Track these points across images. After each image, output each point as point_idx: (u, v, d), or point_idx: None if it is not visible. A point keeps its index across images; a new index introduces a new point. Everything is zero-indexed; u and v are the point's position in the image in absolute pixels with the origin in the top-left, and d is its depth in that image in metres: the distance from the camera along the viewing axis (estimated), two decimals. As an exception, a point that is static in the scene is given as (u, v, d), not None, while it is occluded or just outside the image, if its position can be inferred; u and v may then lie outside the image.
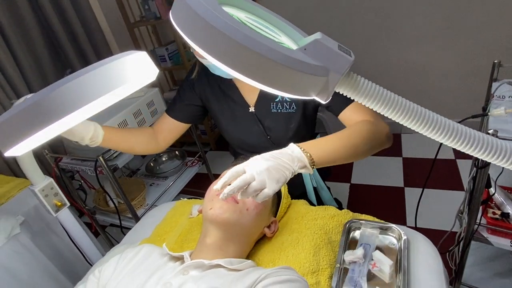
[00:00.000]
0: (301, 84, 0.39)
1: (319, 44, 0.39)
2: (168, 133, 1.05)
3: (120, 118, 1.27)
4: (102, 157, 1.14)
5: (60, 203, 0.99)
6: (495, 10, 1.75)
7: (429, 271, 0.67)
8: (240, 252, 0.72)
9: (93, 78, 0.34)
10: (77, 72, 0.35)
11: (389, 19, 1.98)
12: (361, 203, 1.86)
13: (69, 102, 0.33)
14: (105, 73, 0.34)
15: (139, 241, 0.93)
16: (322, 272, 0.69)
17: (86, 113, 0.40)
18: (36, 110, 0.34)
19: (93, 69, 0.34)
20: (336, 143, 0.69)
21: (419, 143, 2.20)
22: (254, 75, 0.37)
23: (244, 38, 0.34)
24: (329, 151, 0.67)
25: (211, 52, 0.35)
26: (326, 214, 0.81)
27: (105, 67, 0.35)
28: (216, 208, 0.70)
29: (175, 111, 1.04)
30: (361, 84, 0.42)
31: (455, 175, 1.90)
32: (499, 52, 1.83)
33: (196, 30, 0.36)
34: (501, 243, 0.95)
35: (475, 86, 1.96)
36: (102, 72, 0.34)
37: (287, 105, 0.92)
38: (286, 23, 0.49)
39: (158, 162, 1.80)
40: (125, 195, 1.25)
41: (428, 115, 0.41)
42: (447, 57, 1.98)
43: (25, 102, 0.36)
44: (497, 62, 1.10)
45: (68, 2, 1.94)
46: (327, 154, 0.66)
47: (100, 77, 0.34)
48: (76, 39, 2.03)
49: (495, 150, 0.39)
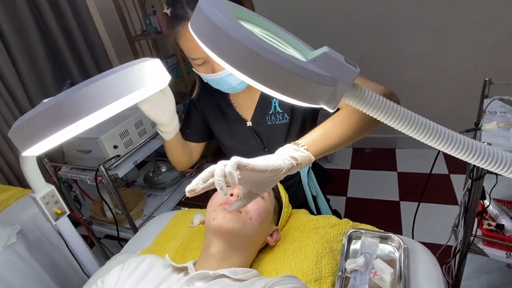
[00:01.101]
0: (312, 92, 0.41)
1: (328, 56, 0.42)
2: (194, 151, 1.10)
3: (121, 128, 1.29)
4: (103, 166, 1.15)
5: (60, 211, 0.99)
6: (485, 31, 1.84)
7: (429, 280, 0.69)
8: (244, 261, 0.73)
9: (116, 79, 0.36)
10: (99, 74, 0.37)
11: (382, 38, 2.06)
12: (358, 216, 1.87)
13: (93, 101, 0.35)
14: (127, 76, 0.36)
15: (139, 250, 0.93)
16: (324, 280, 0.70)
17: (105, 115, 0.41)
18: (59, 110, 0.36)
19: (115, 72, 0.36)
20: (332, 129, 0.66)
21: (413, 158, 2.25)
22: (269, 83, 0.39)
23: (262, 49, 0.37)
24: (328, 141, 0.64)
25: (230, 61, 0.38)
26: (327, 223, 0.82)
27: (127, 71, 0.37)
28: (219, 219, 0.70)
29: (189, 136, 1.08)
30: (366, 94, 0.44)
31: (449, 189, 1.93)
32: (490, 70, 1.91)
33: (216, 40, 0.38)
34: (496, 255, 0.97)
35: (467, 102, 2.03)
36: (124, 74, 0.36)
37: (280, 116, 0.94)
38: (294, 37, 0.52)
39: (156, 173, 1.80)
40: (124, 205, 1.25)
41: (431, 126, 0.43)
42: (439, 75, 2.05)
43: (48, 102, 0.37)
44: (488, 80, 1.16)
45: (71, 15, 1.98)
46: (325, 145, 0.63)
47: (123, 79, 0.36)
48: (77, 50, 2.06)
49: (496, 159, 0.42)
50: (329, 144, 0.64)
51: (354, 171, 2.26)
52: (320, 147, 0.63)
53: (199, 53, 0.78)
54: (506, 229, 0.97)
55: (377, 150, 2.42)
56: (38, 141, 0.38)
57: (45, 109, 0.34)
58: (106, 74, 0.35)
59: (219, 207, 0.72)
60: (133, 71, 0.37)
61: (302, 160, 0.58)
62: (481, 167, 0.90)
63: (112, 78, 0.35)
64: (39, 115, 0.35)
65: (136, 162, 1.33)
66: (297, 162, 0.57)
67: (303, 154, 0.59)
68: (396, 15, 1.96)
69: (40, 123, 0.36)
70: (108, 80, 0.35)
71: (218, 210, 0.72)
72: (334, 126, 0.66)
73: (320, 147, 0.62)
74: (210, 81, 0.86)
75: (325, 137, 0.64)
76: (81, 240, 1.07)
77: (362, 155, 2.42)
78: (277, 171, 0.54)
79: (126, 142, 1.31)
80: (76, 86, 0.35)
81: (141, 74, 0.38)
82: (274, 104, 0.94)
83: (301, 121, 0.95)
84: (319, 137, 0.64)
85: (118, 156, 1.26)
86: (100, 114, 0.36)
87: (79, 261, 1.08)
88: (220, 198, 0.73)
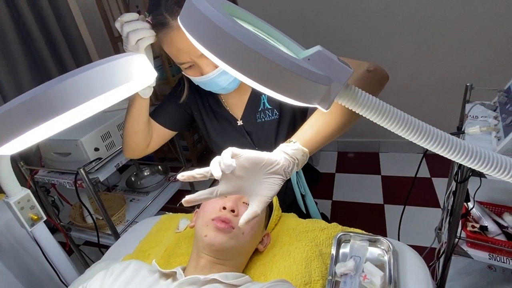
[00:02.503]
0: (306, 91, 0.40)
1: (322, 55, 0.41)
2: (155, 135, 1.01)
3: (103, 130, 1.24)
4: (83, 170, 1.10)
5: (36, 217, 0.94)
6: (467, 37, 1.90)
7: (418, 283, 0.69)
8: (235, 270, 0.71)
9: (101, 72, 0.33)
10: (83, 67, 0.34)
11: (365, 44, 2.09)
12: (344, 219, 1.88)
13: (75, 95, 0.32)
14: (113, 69, 0.34)
15: (121, 257, 0.89)
16: (314, 284, 0.68)
17: (87, 112, 0.38)
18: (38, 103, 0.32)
19: (100, 64, 0.33)
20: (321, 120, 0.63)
21: (396, 161, 2.29)
22: (263, 81, 0.38)
23: (257, 45, 0.36)
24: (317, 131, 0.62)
25: (224, 57, 0.36)
26: (316, 227, 0.82)
27: (113, 63, 0.34)
28: (211, 237, 0.67)
29: (162, 117, 1.00)
30: (359, 95, 0.43)
31: (431, 193, 1.97)
32: (471, 75, 1.97)
33: (207, 34, 0.37)
34: (480, 256, 0.98)
35: (449, 107, 2.09)
36: (110, 67, 0.34)
37: (269, 112, 0.94)
38: (286, 36, 0.51)
39: (139, 177, 1.75)
40: (105, 210, 1.20)
41: (424, 127, 0.43)
42: (421, 80, 2.10)
43: (24, 95, 0.34)
44: (469, 85, 1.19)
45: (51, 14, 1.91)
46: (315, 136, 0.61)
47: (108, 72, 0.34)
48: (57, 51, 1.99)
49: (489, 161, 0.42)
50: (320, 135, 0.62)
51: (339, 175, 2.27)
52: (311, 139, 0.61)
53: (184, 58, 0.77)
54: (489, 230, 0.99)
55: (361, 154, 2.46)
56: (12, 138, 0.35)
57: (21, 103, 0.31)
58: (90, 66, 0.33)
59: (211, 222, 0.69)
60: (119, 64, 0.35)
61: (295, 154, 0.56)
62: (465, 170, 0.91)
63: (97, 71, 0.33)
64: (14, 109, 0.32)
65: (118, 166, 1.28)
66: (290, 156, 0.55)
67: (295, 147, 0.57)
68: (379, 22, 2.00)
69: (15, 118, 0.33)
70: (93, 73, 0.32)
71: (211, 226, 0.68)
72: (321, 117, 0.64)
73: (311, 139, 0.61)
74: (200, 83, 0.85)
75: (314, 128, 0.62)
76: (59, 247, 1.02)
77: (346, 159, 2.44)
78: (273, 163, 0.52)
79: (108, 144, 1.27)
80: (57, 78, 0.32)
81: (128, 68, 0.36)
82: (263, 100, 0.94)
83: (290, 116, 0.94)
84: (307, 129, 0.62)
85: (99, 159, 1.21)
86: (82, 110, 0.34)
87: (56, 270, 1.02)
88: (213, 211, 0.71)
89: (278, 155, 0.54)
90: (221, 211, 0.70)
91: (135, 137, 0.95)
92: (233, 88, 0.86)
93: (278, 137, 0.95)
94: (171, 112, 1.02)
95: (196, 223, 0.73)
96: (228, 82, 0.81)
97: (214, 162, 0.48)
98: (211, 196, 0.51)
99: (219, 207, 0.71)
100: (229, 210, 0.70)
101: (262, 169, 0.51)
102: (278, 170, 0.52)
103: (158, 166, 1.80)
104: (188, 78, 0.89)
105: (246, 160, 0.50)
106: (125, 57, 0.39)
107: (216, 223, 0.68)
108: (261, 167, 0.51)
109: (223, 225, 0.67)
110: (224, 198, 0.74)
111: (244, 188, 0.52)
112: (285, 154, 0.55)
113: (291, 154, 0.55)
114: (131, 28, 0.72)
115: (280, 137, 0.95)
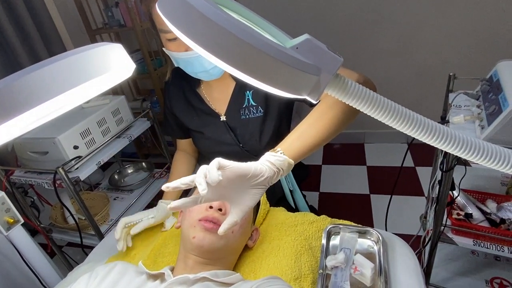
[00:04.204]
0: (295, 81, 0.38)
1: (311, 43, 0.39)
2: (190, 146, 1.12)
3: (82, 127, 1.19)
4: (62, 169, 1.05)
5: (13, 220, 0.89)
6: (449, 27, 1.92)
7: (408, 272, 0.69)
8: (225, 268, 0.69)
9: (72, 63, 0.30)
10: (51, 58, 0.31)
11: (348, 36, 2.09)
12: (331, 211, 1.89)
13: (41, 90, 0.29)
14: (86, 59, 0.31)
15: (106, 258, 0.86)
16: (304, 278, 0.68)
17: (59, 108, 0.35)
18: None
19: (73, 54, 0.30)
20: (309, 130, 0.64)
21: (381, 152, 2.32)
22: (249, 71, 0.36)
23: (242, 32, 0.33)
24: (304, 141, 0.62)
25: (206, 45, 0.34)
26: (305, 220, 0.81)
27: (87, 53, 0.31)
28: (199, 238, 0.65)
29: (173, 131, 1.09)
30: (349, 85, 0.42)
31: (415, 181, 2.01)
32: (454, 65, 2.00)
33: (188, 21, 0.34)
34: (464, 243, 1.00)
35: (432, 97, 2.12)
36: (82, 58, 0.31)
37: (254, 109, 0.91)
38: (272, 25, 0.49)
39: (122, 175, 1.70)
40: (87, 210, 1.16)
41: (415, 117, 0.42)
42: (405, 71, 2.12)
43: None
44: (452, 75, 1.20)
45: (23, 5, 1.81)
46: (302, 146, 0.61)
47: (81, 63, 0.30)
48: (30, 45, 1.89)
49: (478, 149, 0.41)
50: (306, 145, 0.62)
51: (326, 166, 2.28)
52: (298, 149, 0.61)
53: None
54: (474, 217, 1.01)
55: (347, 145, 2.47)
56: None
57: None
58: (60, 57, 0.29)
59: (198, 223, 0.67)
60: (93, 54, 0.32)
61: (281, 165, 0.56)
62: (451, 159, 0.92)
63: (68, 62, 0.29)
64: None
65: (100, 163, 1.23)
66: (276, 167, 0.55)
67: (281, 159, 0.57)
68: (362, 13, 2.00)
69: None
70: (62, 64, 0.29)
71: (198, 228, 0.66)
72: (309, 127, 0.64)
73: (298, 150, 0.61)
74: (183, 61, 0.81)
75: (302, 138, 0.62)
76: (39, 250, 0.98)
77: (332, 151, 2.46)
78: (258, 175, 0.52)
79: (88, 141, 1.22)
80: (23, 71, 0.29)
81: (103, 58, 0.33)
82: (247, 97, 0.91)
83: (276, 114, 0.92)
84: (295, 140, 0.62)
85: (79, 157, 1.16)
86: (53, 106, 0.30)
87: (37, 274, 0.98)
88: (200, 211, 0.69)
89: (263, 165, 0.54)
90: (207, 210, 0.68)
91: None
92: (217, 74, 0.83)
93: (263, 134, 0.93)
94: (173, 123, 1.08)
95: (183, 224, 0.70)
96: (212, 65, 0.79)
97: (200, 174, 0.46)
98: (195, 204, 0.50)
99: (206, 206, 0.69)
100: (216, 209, 0.68)
101: (247, 181, 0.51)
102: (263, 181, 0.52)
103: (142, 163, 1.75)
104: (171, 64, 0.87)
105: (232, 173, 0.49)
106: (100, 46, 0.36)
107: (204, 223, 0.66)
108: (247, 179, 0.51)
109: (211, 225, 0.65)
110: None
111: (227, 197, 0.52)
112: (270, 164, 0.55)
113: (277, 165, 0.55)
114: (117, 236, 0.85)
115: (265, 135, 0.93)
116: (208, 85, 0.95)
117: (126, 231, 0.86)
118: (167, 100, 1.04)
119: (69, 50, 1.30)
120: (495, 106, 0.81)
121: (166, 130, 1.11)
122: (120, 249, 0.83)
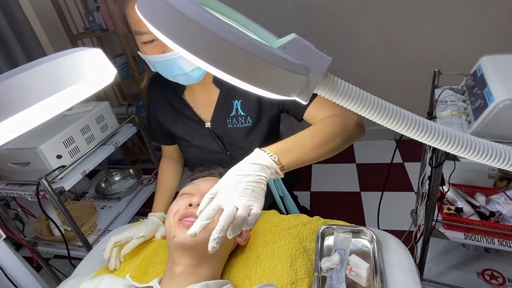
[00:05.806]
0: (284, 82, 0.37)
1: (298, 42, 0.38)
2: (176, 153, 1.10)
3: (65, 135, 1.15)
4: (45, 180, 1.01)
5: (-6, 236, 0.85)
6: (433, 22, 1.95)
7: (403, 270, 0.68)
8: (214, 271, 0.67)
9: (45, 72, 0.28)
10: (23, 66, 0.28)
11: (332, 34, 2.10)
12: (323, 210, 1.90)
13: (10, 101, 0.27)
14: (58, 68, 0.28)
15: (94, 271, 0.82)
16: (301, 282, 0.66)
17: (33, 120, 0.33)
18: None
19: (44, 62, 0.28)
20: (305, 142, 0.66)
21: (370, 149, 2.34)
22: (235, 72, 0.34)
23: (228, 33, 0.32)
24: (298, 152, 0.63)
25: (189, 46, 0.32)
26: (299, 222, 0.80)
27: (59, 61, 0.29)
28: (180, 236, 0.63)
29: (158, 137, 1.06)
30: (339, 84, 0.41)
31: (404, 177, 2.03)
32: (438, 60, 2.03)
33: (170, 22, 0.32)
34: (456, 237, 1.01)
35: (418, 93, 2.15)
36: (57, 65, 0.28)
37: (242, 119, 0.88)
38: (258, 25, 0.48)
39: (109, 182, 1.66)
40: (73, 221, 1.12)
41: (407, 115, 0.41)
42: (390, 67, 2.15)
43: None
44: (437, 71, 1.21)
45: None
46: (296, 156, 0.62)
47: (55, 71, 0.28)
48: (8, 52, 1.83)
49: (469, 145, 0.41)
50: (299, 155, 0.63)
51: (316, 166, 2.29)
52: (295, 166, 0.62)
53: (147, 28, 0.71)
54: (464, 211, 1.02)
55: (336, 143, 2.48)
56: None
57: None
58: (30, 66, 0.27)
59: (178, 222, 0.65)
60: (67, 61, 0.29)
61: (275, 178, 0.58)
62: (440, 155, 0.92)
63: (38, 71, 0.27)
64: None
65: (85, 172, 1.20)
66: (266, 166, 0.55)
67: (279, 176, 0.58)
68: (345, 11, 2.01)
69: None
70: (32, 74, 0.27)
71: (178, 227, 0.65)
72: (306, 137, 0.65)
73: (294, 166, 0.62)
74: (160, 64, 0.76)
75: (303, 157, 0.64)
76: (22, 265, 0.94)
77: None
78: None
79: (71, 150, 1.18)
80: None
81: (78, 65, 0.31)
82: (236, 106, 0.88)
83: (266, 125, 0.89)
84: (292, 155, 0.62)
85: (63, 167, 1.12)
86: (23, 118, 0.28)
87: (22, 290, 0.94)
88: (179, 211, 0.67)
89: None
90: (187, 208, 0.66)
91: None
92: (196, 78, 0.79)
93: (251, 145, 0.89)
94: (158, 130, 1.05)
95: (165, 228, 0.69)
96: (192, 67, 0.75)
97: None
98: None
99: (185, 205, 0.67)
100: (196, 205, 0.67)
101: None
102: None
103: (129, 170, 1.72)
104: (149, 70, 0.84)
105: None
106: (76, 52, 0.34)
107: (184, 222, 0.64)
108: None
109: (191, 222, 0.63)
110: (189, 195, 0.71)
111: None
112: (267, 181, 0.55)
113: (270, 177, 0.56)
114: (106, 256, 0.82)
115: (253, 145, 0.90)
116: (191, 90, 0.92)
117: (118, 249, 0.83)
118: (151, 107, 1.01)
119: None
120: (480, 101, 0.82)
121: (152, 136, 1.08)
122: (112, 268, 0.80)
